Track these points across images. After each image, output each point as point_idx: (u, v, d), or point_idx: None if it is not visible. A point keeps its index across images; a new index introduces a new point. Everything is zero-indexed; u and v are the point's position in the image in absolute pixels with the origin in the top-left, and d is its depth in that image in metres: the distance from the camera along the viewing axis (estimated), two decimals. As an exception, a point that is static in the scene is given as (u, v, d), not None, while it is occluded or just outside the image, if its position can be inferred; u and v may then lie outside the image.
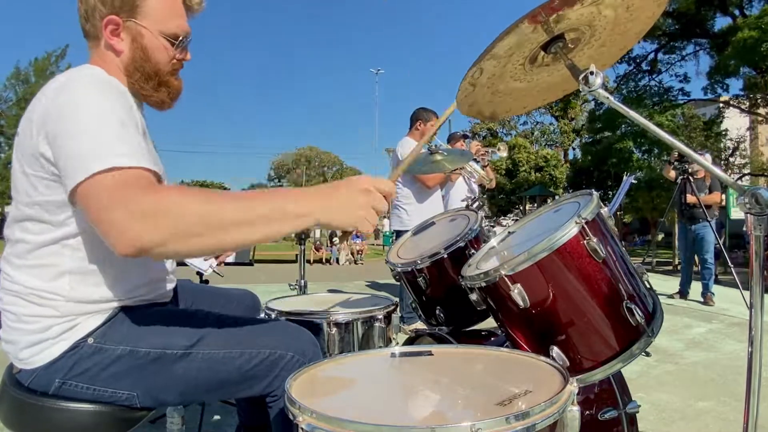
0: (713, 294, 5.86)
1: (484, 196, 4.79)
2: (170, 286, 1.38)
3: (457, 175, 4.56)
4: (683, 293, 6.21)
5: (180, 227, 0.94)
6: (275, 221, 0.99)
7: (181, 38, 1.25)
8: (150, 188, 0.98)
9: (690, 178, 5.92)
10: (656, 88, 20.42)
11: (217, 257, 2.67)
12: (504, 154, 4.88)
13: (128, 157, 0.98)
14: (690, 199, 5.93)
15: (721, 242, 6.94)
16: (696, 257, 6.22)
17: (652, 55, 20.49)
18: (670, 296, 6.19)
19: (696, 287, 6.11)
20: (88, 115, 1.02)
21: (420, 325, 3.03)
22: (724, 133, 21.73)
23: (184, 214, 0.95)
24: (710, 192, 6.10)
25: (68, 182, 1.00)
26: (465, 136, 5.00)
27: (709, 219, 5.89)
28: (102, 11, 1.18)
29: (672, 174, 6.23)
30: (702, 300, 5.88)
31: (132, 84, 1.24)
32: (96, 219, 0.97)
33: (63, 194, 1.06)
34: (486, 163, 4.78)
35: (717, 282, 6.54)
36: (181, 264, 2.68)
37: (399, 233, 4.28)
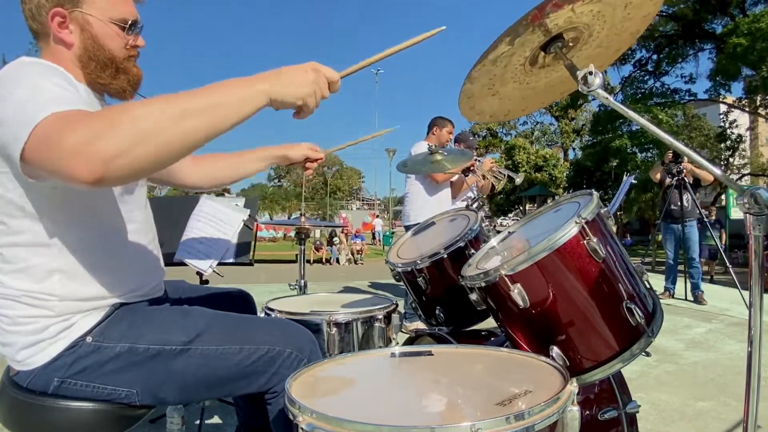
0: (703, 292, 5.89)
1: (484, 196, 4.89)
2: (161, 277, 1.38)
3: (473, 179, 4.61)
4: (672, 291, 6.23)
5: (137, 126, 0.89)
6: (230, 105, 0.98)
7: (130, 22, 1.24)
8: (88, 113, 0.94)
9: (685, 178, 5.93)
10: (661, 90, 20.46)
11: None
12: (519, 181, 5.04)
13: (62, 105, 0.94)
14: (687, 168, 5.87)
15: (720, 243, 6.97)
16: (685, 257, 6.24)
17: (655, 57, 20.51)
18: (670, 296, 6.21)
19: (681, 286, 6.15)
20: (24, 87, 0.99)
21: (420, 324, 3.03)
22: (731, 136, 21.77)
23: (136, 114, 0.90)
24: (700, 183, 6.10)
25: (14, 148, 0.94)
26: (474, 147, 5.04)
27: (705, 218, 5.95)
28: (46, 6, 1.17)
29: (658, 176, 6.25)
30: (693, 299, 5.91)
31: (89, 75, 1.22)
32: (49, 158, 0.90)
33: (20, 187, 1.06)
34: (494, 177, 4.82)
35: (716, 282, 6.55)
36: (180, 264, 2.68)
37: (408, 228, 4.31)
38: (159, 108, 0.92)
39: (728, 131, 21.82)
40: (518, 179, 4.96)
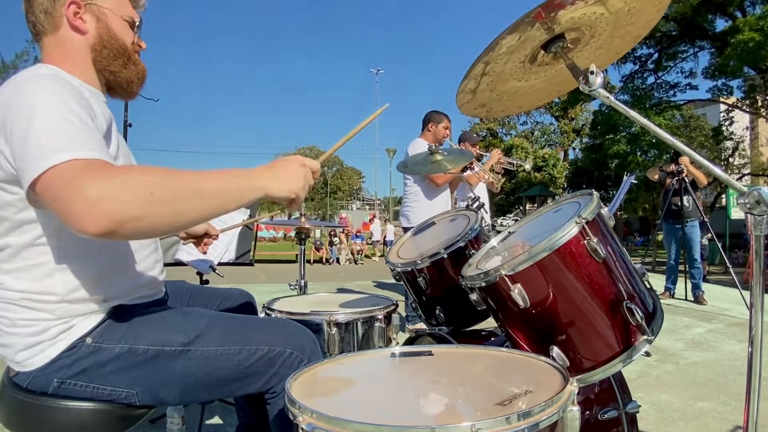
0: (703, 292, 5.90)
1: (496, 189, 4.96)
2: (162, 277, 1.38)
3: (478, 179, 4.60)
4: (672, 292, 6.23)
5: (153, 196, 0.95)
6: (235, 193, 1.08)
7: (137, 22, 1.32)
8: (112, 167, 0.98)
9: (686, 178, 5.93)
10: (662, 87, 20.44)
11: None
12: (528, 166, 5.12)
13: (86, 151, 0.97)
14: (683, 160, 5.86)
15: (719, 243, 6.99)
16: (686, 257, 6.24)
17: (656, 55, 20.49)
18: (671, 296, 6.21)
19: (681, 286, 6.16)
20: (45, 113, 1.00)
21: (421, 325, 3.03)
22: (730, 135, 21.74)
23: (154, 186, 0.96)
24: (696, 185, 6.11)
25: (26, 177, 0.97)
26: (481, 139, 5.06)
27: (704, 218, 5.96)
28: None
29: (656, 176, 6.26)
30: (693, 299, 5.91)
31: (100, 62, 1.26)
32: (62, 200, 0.93)
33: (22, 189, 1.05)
34: (500, 171, 4.81)
35: (716, 282, 6.56)
36: (180, 264, 2.68)
37: (407, 230, 4.30)
38: (176, 183, 1.00)
39: (724, 127, 21.76)
40: (527, 165, 4.99)
